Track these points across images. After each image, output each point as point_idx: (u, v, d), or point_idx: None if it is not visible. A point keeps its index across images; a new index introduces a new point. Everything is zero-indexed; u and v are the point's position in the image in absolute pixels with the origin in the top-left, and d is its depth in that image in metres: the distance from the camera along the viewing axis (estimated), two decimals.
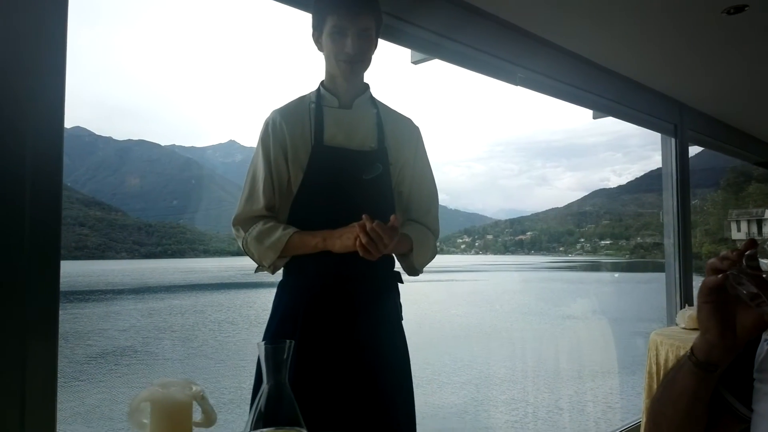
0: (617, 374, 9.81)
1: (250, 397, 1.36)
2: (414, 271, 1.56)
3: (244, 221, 1.51)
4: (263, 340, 1.46)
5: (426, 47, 2.25)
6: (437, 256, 1.62)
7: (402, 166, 1.59)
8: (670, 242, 3.83)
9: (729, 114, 4.07)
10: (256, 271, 1.51)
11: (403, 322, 1.56)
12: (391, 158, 1.55)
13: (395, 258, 1.56)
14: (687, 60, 3.01)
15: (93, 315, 19.13)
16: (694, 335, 0.82)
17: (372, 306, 1.47)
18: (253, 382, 1.36)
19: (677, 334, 2.78)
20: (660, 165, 3.87)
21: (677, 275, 3.72)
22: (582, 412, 7.42)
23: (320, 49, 1.52)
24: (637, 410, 3.99)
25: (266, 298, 1.63)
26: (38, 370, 1.09)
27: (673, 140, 3.76)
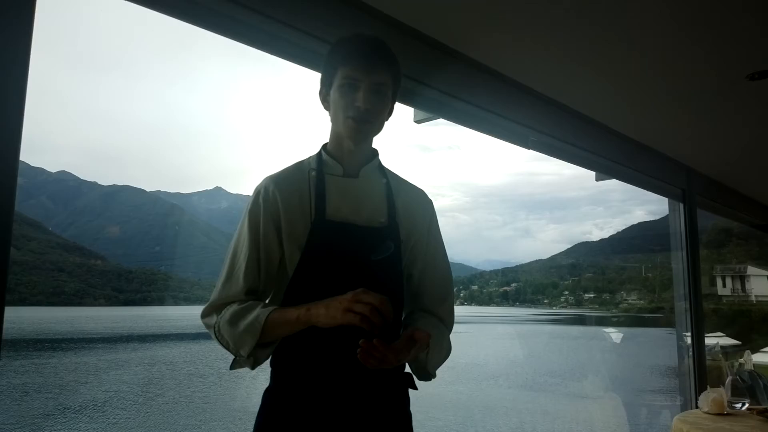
0: None
1: None
2: (426, 375, 1.31)
3: (217, 308, 1.25)
4: None
5: (432, 106, 2.09)
6: None
7: (414, 244, 1.37)
8: (681, 306, 3.64)
9: (736, 178, 3.96)
10: (232, 367, 1.25)
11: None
12: (403, 235, 1.33)
13: None
14: (699, 124, 2.90)
15: (59, 365, 18.40)
16: (721, 422, 0.59)
17: (380, 417, 1.22)
18: None
19: (703, 422, 2.54)
20: (641, 219, 3.73)
21: (692, 343, 3.52)
22: None
23: (326, 108, 1.32)
24: None
25: None
26: None
27: (681, 205, 3.61)
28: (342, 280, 1.20)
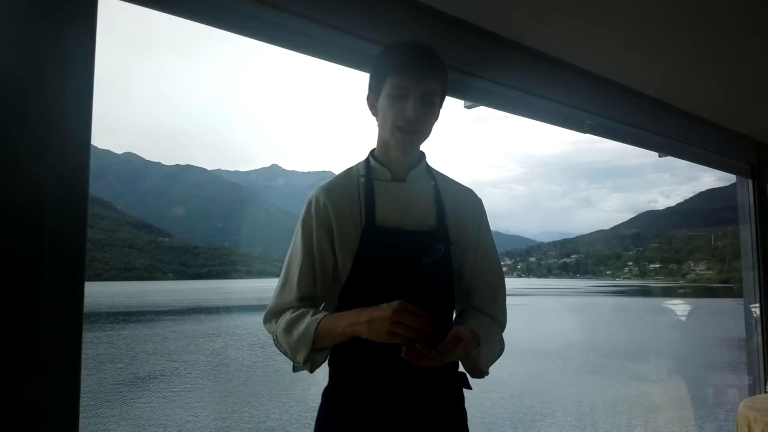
0: None
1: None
2: (479, 373, 1.33)
3: (275, 314, 1.32)
4: None
5: (482, 97, 2.06)
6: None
7: (464, 245, 1.37)
8: (750, 277, 3.49)
9: None
10: (294, 370, 1.31)
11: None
12: (453, 237, 1.34)
13: None
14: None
15: (131, 337, 19.50)
16: None
17: (436, 415, 1.26)
18: None
19: None
20: (710, 186, 3.57)
21: (762, 320, 3.38)
22: None
23: (374, 114, 1.33)
24: None
25: None
26: (59, 399, 0.99)
27: (750, 182, 3.42)
28: (393, 285, 1.23)
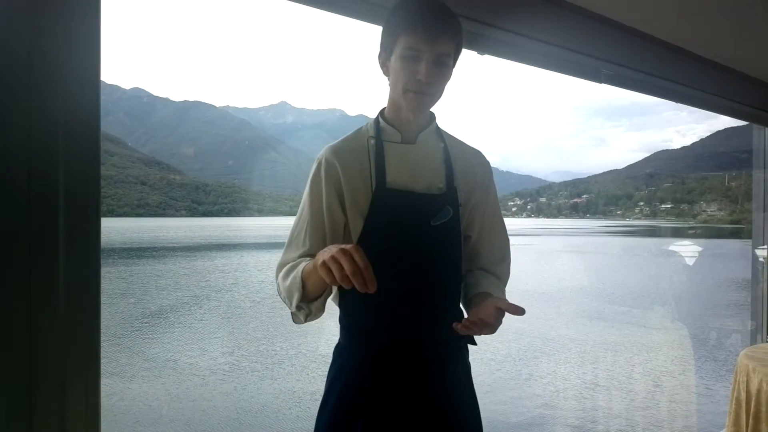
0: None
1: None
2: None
3: (281, 269, 1.35)
4: (322, 413, 1.33)
5: (497, 48, 2.00)
6: None
7: (473, 207, 1.39)
8: (759, 219, 3.49)
9: None
10: (294, 319, 1.33)
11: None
12: (462, 199, 1.35)
13: (464, 312, 1.38)
14: None
15: (143, 273, 19.89)
16: None
17: (443, 371, 1.32)
18: None
19: None
20: (728, 125, 3.52)
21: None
22: None
23: (386, 73, 1.31)
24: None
25: None
26: (82, 334, 1.02)
27: (765, 129, 3.36)
28: (403, 246, 1.27)
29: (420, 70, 1.21)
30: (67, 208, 1.00)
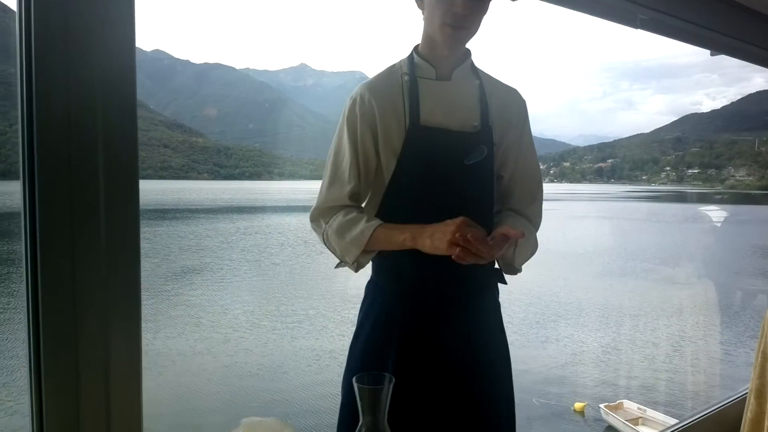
0: None
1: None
2: (513, 270, 1.35)
3: (324, 212, 1.31)
4: (355, 345, 1.33)
5: None
6: None
7: (507, 147, 1.34)
8: None
9: None
10: (337, 266, 1.35)
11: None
12: (496, 139, 1.30)
13: None
14: None
15: (166, 234, 20.29)
16: None
17: (473, 309, 1.30)
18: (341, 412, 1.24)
19: None
20: (760, 88, 3.36)
21: None
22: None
23: (420, 7, 1.25)
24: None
25: None
26: (123, 290, 1.02)
27: None
28: (436, 186, 1.23)
29: (457, 2, 1.15)
30: (106, 170, 1.01)
